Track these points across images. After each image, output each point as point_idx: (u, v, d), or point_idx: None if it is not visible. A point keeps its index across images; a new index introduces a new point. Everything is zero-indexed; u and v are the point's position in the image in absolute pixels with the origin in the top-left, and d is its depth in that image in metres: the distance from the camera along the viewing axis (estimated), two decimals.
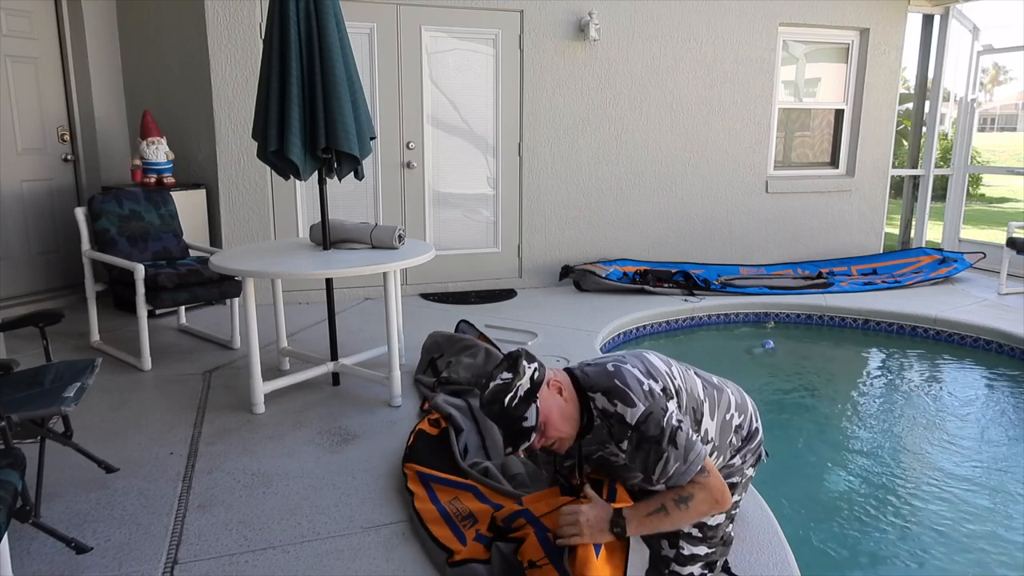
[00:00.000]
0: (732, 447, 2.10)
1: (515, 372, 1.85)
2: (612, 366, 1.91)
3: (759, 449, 2.21)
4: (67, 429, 2.58)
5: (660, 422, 1.81)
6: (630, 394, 1.83)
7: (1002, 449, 3.52)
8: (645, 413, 1.82)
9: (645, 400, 1.83)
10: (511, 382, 1.83)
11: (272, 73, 3.15)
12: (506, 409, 1.81)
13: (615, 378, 1.87)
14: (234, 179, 5.06)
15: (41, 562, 2.16)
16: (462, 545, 2.21)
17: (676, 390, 1.93)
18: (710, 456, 2.01)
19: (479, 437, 2.97)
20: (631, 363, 1.92)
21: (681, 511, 1.84)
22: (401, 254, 3.34)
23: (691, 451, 1.82)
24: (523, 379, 1.84)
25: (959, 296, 5.72)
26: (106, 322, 4.54)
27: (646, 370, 1.91)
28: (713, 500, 1.85)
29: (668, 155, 6.19)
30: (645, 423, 1.81)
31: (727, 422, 2.07)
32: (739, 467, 2.15)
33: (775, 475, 3.07)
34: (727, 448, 2.08)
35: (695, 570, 2.07)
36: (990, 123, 26.20)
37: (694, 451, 1.82)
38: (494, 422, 1.87)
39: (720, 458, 2.07)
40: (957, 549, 2.68)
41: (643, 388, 1.85)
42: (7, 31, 4.78)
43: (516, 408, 1.81)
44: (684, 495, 1.84)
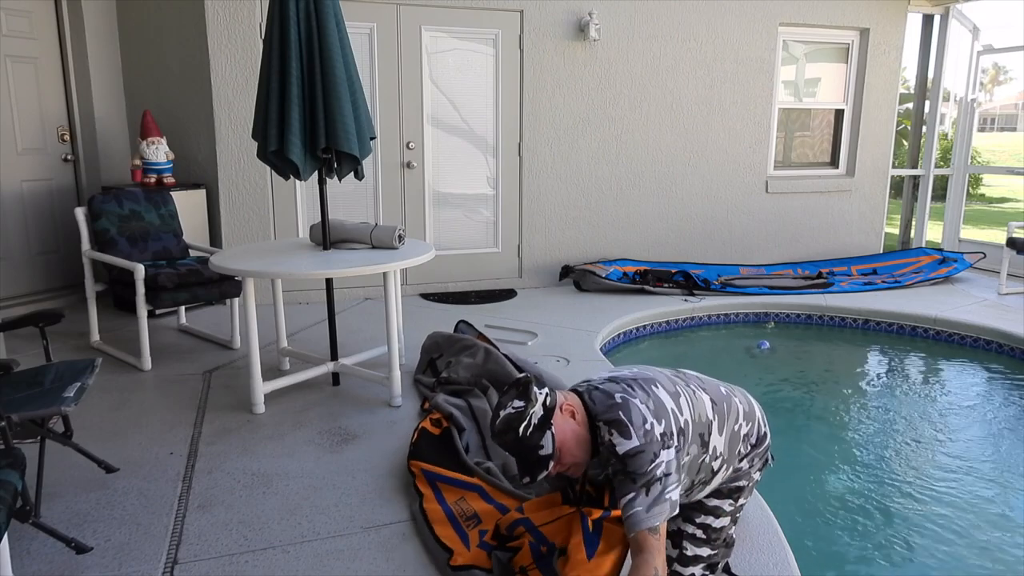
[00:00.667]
0: (740, 456, 2.09)
1: (527, 399, 1.81)
2: (620, 397, 1.88)
3: (766, 453, 2.20)
4: (67, 429, 2.58)
5: (645, 465, 1.79)
6: (630, 428, 1.81)
7: (1002, 449, 3.52)
8: (636, 449, 1.80)
9: (641, 439, 1.81)
10: (524, 410, 1.79)
11: (272, 73, 3.15)
12: (521, 439, 1.79)
13: (620, 410, 1.84)
14: (234, 179, 5.06)
15: (41, 562, 2.16)
16: (464, 547, 2.21)
17: (680, 430, 1.89)
18: (719, 470, 2.01)
19: (479, 437, 2.98)
20: (640, 397, 1.89)
21: None
22: (401, 254, 3.34)
23: (656, 505, 1.78)
24: (536, 406, 1.80)
25: (959, 296, 5.72)
26: (106, 322, 4.54)
27: (654, 408, 1.87)
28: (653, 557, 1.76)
29: (668, 155, 6.19)
30: (632, 458, 1.79)
31: (735, 433, 2.05)
32: (747, 471, 2.13)
33: (775, 475, 3.06)
34: (735, 458, 2.06)
35: (697, 571, 2.07)
36: (990, 123, 26.20)
37: (659, 507, 1.79)
38: (508, 452, 1.83)
39: (728, 468, 2.05)
40: (957, 548, 2.68)
41: (644, 426, 1.83)
42: (7, 31, 4.78)
43: (531, 437, 1.79)
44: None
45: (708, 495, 2.08)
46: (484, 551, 2.15)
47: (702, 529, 2.07)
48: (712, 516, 2.08)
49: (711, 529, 2.07)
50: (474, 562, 2.11)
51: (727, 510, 2.10)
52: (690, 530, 2.05)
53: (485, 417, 3.08)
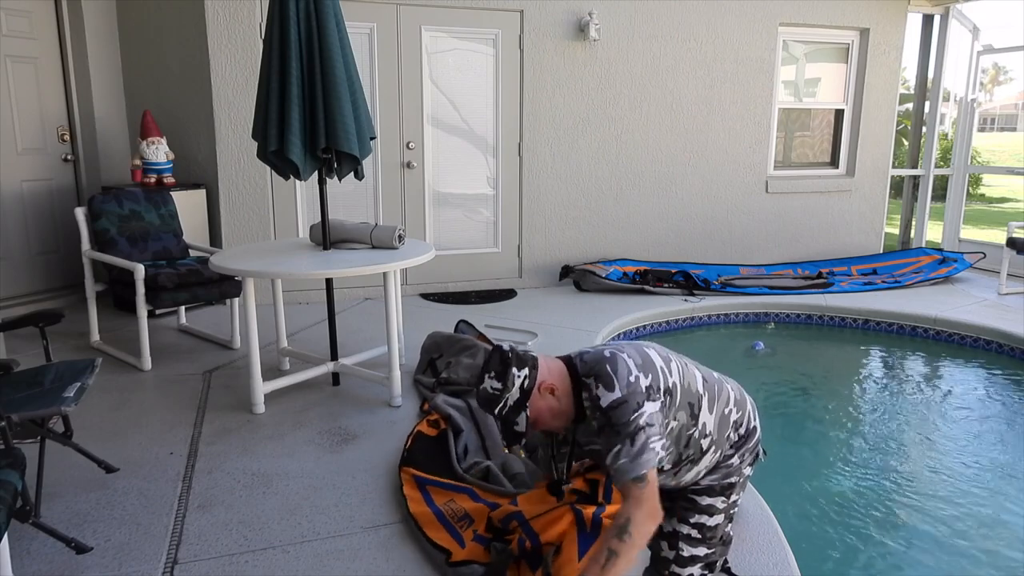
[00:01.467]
0: (729, 441, 2.10)
1: (504, 383, 1.85)
2: (609, 352, 1.93)
3: (756, 448, 2.20)
4: (67, 429, 2.58)
5: (629, 414, 1.81)
6: (614, 380, 1.84)
7: (1002, 448, 3.52)
8: (619, 400, 1.82)
9: (624, 389, 1.83)
10: (500, 394, 1.85)
11: (272, 73, 3.15)
12: (497, 415, 1.89)
13: (607, 363, 1.88)
14: (234, 179, 5.06)
15: (41, 562, 2.16)
16: (460, 547, 2.21)
17: (668, 389, 1.91)
18: (708, 450, 2.01)
19: (479, 437, 2.97)
20: (628, 353, 1.93)
21: (626, 543, 1.76)
22: (401, 254, 3.34)
23: (642, 455, 1.79)
24: (512, 391, 1.86)
25: (959, 296, 5.72)
26: (106, 322, 4.54)
27: (641, 363, 1.91)
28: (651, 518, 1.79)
29: (668, 155, 6.19)
30: (615, 409, 1.82)
31: (725, 416, 2.07)
32: (737, 466, 2.14)
33: (776, 475, 3.07)
34: (724, 442, 2.08)
35: (695, 571, 2.07)
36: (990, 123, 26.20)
37: (644, 456, 1.79)
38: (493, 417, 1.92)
39: (718, 452, 2.06)
40: (957, 548, 2.68)
41: (629, 378, 1.85)
42: (7, 31, 4.78)
43: (507, 416, 1.88)
44: (620, 523, 1.79)
45: (700, 493, 2.09)
46: (481, 545, 2.16)
47: (697, 529, 2.07)
48: (706, 515, 2.08)
49: (706, 528, 2.07)
50: (471, 556, 2.11)
51: (720, 508, 2.10)
52: (685, 530, 2.05)
53: (485, 418, 3.07)
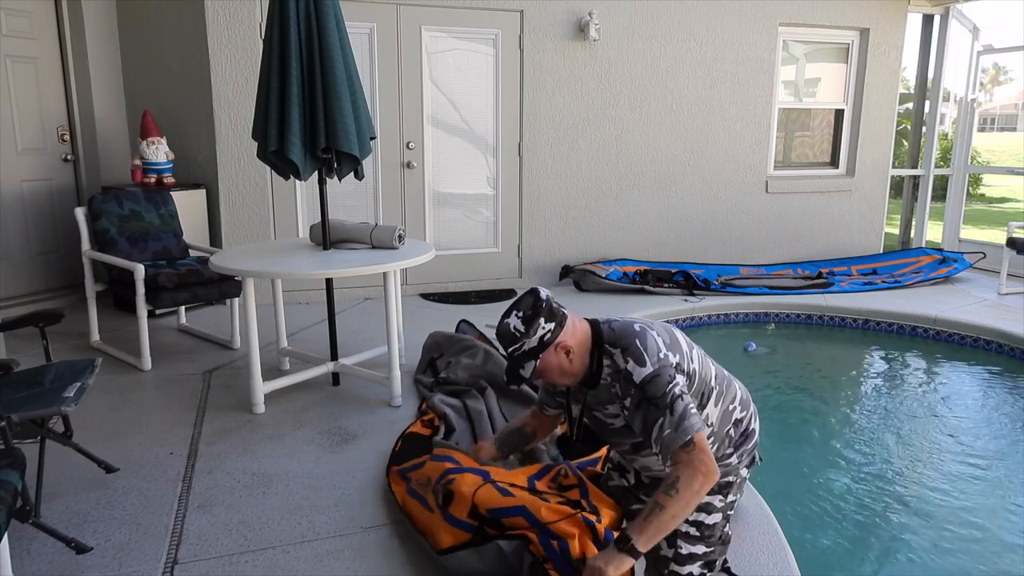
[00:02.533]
0: (729, 439, 2.13)
1: (527, 329, 1.91)
2: (639, 327, 1.98)
3: (754, 451, 2.23)
4: (67, 429, 2.58)
5: (664, 386, 1.86)
6: (644, 355, 1.89)
7: (1002, 449, 3.52)
8: (652, 374, 1.87)
9: (656, 363, 1.88)
10: (519, 338, 1.92)
11: (272, 73, 3.15)
12: (510, 354, 1.95)
13: (636, 337, 1.94)
14: (234, 179, 5.06)
15: (41, 562, 2.16)
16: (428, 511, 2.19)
17: (690, 373, 1.97)
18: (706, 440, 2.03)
19: (472, 438, 2.96)
20: (657, 330, 1.99)
21: (673, 497, 1.77)
22: (401, 254, 3.34)
23: (684, 420, 1.82)
24: (531, 339, 1.92)
25: (959, 296, 5.72)
26: (106, 322, 4.54)
27: (669, 341, 1.97)
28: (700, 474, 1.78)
29: (668, 155, 6.19)
30: (650, 383, 1.86)
31: (728, 412, 2.12)
32: (735, 466, 2.17)
33: (776, 475, 3.07)
34: (724, 438, 2.12)
35: (694, 569, 2.08)
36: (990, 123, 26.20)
37: (687, 421, 1.82)
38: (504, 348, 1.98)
39: (716, 446, 2.10)
40: (957, 548, 2.68)
41: (659, 353, 1.91)
42: (7, 31, 4.78)
43: (517, 359, 1.94)
44: (670, 481, 1.79)
45: None
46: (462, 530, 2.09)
47: (695, 527, 2.08)
48: (704, 513, 2.09)
49: (704, 526, 2.09)
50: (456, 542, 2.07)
51: (718, 506, 2.12)
52: (683, 528, 2.06)
53: (480, 418, 3.07)
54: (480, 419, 3.06)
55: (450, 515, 2.14)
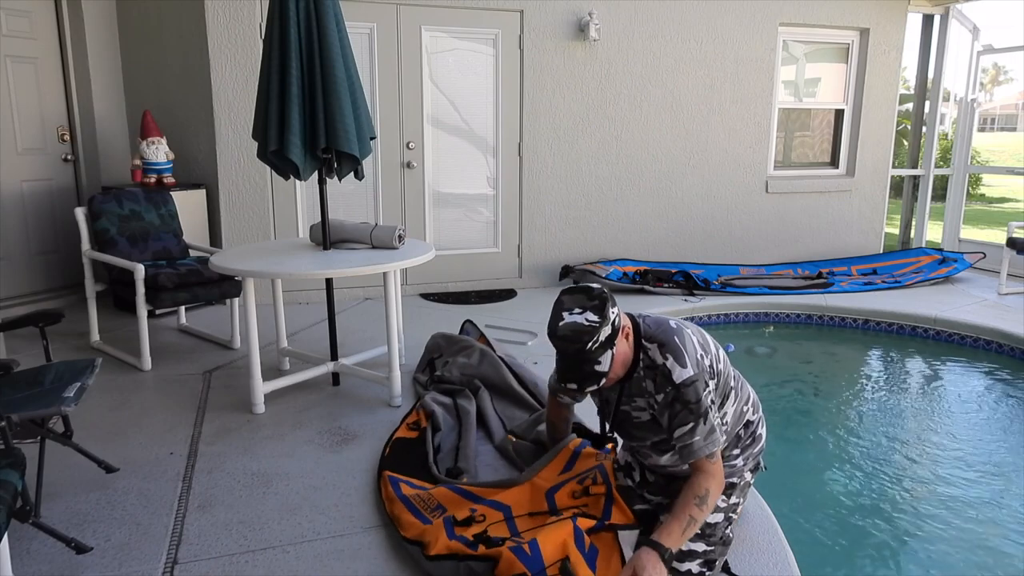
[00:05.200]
0: (738, 438, 2.16)
1: (602, 317, 1.85)
2: (675, 324, 1.99)
3: (759, 456, 2.24)
4: (67, 429, 2.58)
5: (699, 394, 1.88)
6: (684, 355, 1.90)
7: (1002, 449, 3.52)
8: (691, 378, 1.88)
9: (695, 367, 1.90)
10: (597, 327, 1.84)
11: (272, 73, 3.15)
12: (584, 351, 1.84)
13: (675, 335, 1.94)
14: (234, 179, 5.06)
15: (41, 562, 2.16)
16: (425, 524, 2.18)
17: (718, 372, 2.00)
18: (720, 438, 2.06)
19: (456, 437, 2.96)
20: (692, 330, 2.01)
21: (703, 510, 1.91)
22: (401, 254, 3.34)
23: (712, 432, 1.90)
24: (607, 325, 1.86)
25: (959, 296, 5.72)
26: (106, 322, 4.54)
27: (702, 341, 1.99)
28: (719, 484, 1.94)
29: (668, 155, 6.19)
30: (689, 387, 1.88)
31: (742, 413, 2.15)
32: (740, 468, 2.17)
33: (776, 475, 3.06)
34: (733, 438, 2.15)
35: (693, 567, 2.08)
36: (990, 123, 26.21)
37: (715, 434, 1.90)
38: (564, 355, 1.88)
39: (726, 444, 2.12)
40: (957, 549, 2.68)
41: (697, 355, 1.93)
42: (7, 31, 4.78)
43: (595, 352, 1.84)
44: (700, 494, 1.91)
45: None
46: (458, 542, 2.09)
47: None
48: None
49: (706, 524, 2.09)
50: (447, 551, 2.06)
51: (720, 506, 2.13)
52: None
53: (468, 417, 3.06)
54: (467, 418, 3.06)
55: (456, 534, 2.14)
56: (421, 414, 3.14)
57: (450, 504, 2.33)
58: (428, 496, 2.39)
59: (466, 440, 2.89)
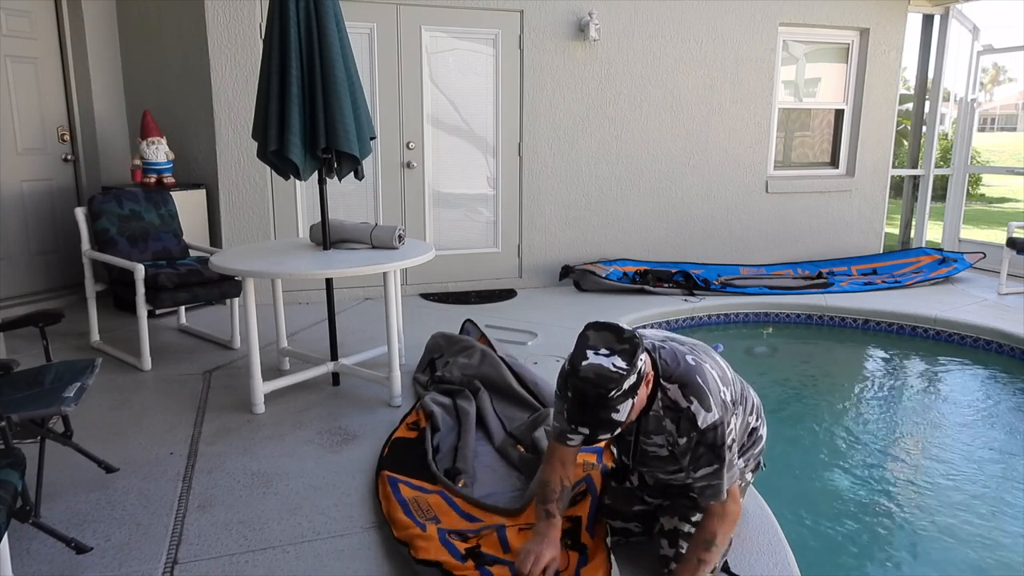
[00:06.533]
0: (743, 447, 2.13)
1: (631, 364, 1.70)
2: (693, 360, 1.87)
3: (760, 456, 2.23)
4: (67, 429, 2.58)
5: (723, 437, 1.82)
6: (709, 397, 1.80)
7: (1002, 448, 3.52)
8: (716, 422, 1.81)
9: (720, 409, 1.82)
10: (624, 376, 1.68)
11: (272, 73, 3.15)
12: (607, 398, 1.68)
13: (696, 374, 1.83)
14: (234, 179, 5.06)
15: (41, 562, 2.16)
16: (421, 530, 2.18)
17: (735, 400, 1.95)
18: None
19: (455, 438, 2.96)
20: (710, 363, 1.91)
21: (712, 552, 1.90)
22: (401, 254, 3.34)
23: (729, 474, 1.86)
24: (634, 375, 1.70)
25: (959, 296, 5.72)
26: (106, 322, 4.54)
27: (722, 375, 1.91)
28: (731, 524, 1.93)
29: (668, 155, 6.19)
30: (713, 431, 1.81)
31: (748, 424, 2.11)
32: (741, 470, 2.16)
33: (776, 475, 3.07)
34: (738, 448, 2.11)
35: None
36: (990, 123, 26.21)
37: (730, 474, 1.87)
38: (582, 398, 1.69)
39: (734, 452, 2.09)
40: (957, 548, 2.68)
41: (721, 395, 1.84)
42: (7, 31, 4.78)
43: (615, 400, 1.69)
44: (707, 538, 1.90)
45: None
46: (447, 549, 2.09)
47: (695, 526, 2.08)
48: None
49: None
50: (436, 558, 2.05)
51: None
52: (686, 528, 2.06)
53: (467, 418, 3.06)
54: (467, 419, 3.05)
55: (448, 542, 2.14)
56: (420, 414, 3.15)
57: (445, 517, 2.34)
58: (426, 504, 2.40)
59: (465, 441, 2.89)
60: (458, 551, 2.09)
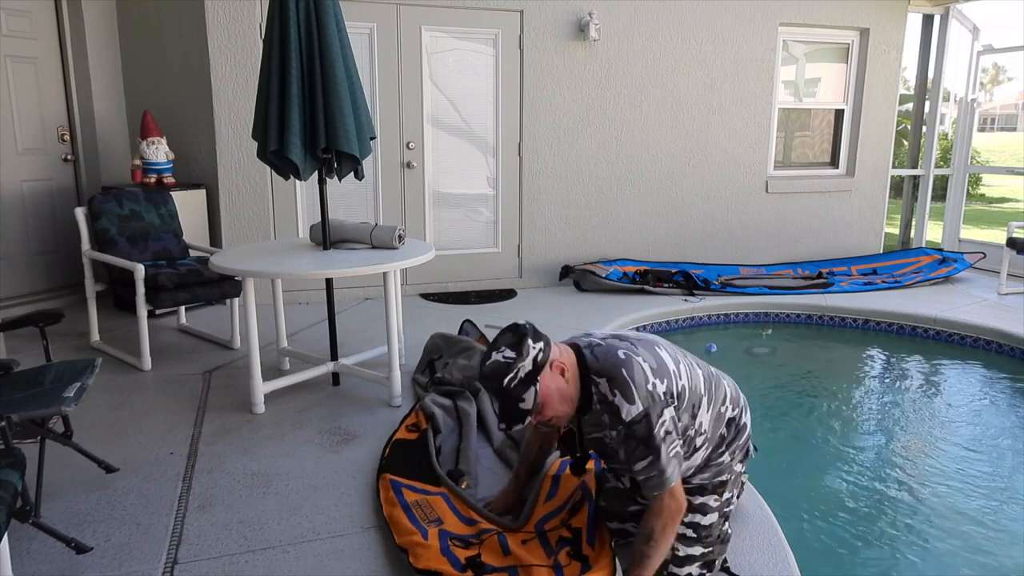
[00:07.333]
0: (722, 438, 2.10)
1: (518, 353, 1.81)
2: (624, 354, 1.89)
3: (747, 445, 2.20)
4: (67, 429, 2.58)
5: (651, 429, 1.82)
6: (633, 390, 1.83)
7: (1001, 449, 3.52)
8: (641, 414, 1.82)
9: (645, 401, 1.83)
10: (513, 363, 1.80)
11: (272, 73, 3.15)
12: (504, 388, 1.80)
13: (623, 368, 1.85)
14: (234, 179, 5.06)
15: (41, 562, 2.16)
16: (422, 538, 2.17)
17: (679, 393, 1.92)
18: (700, 447, 2.03)
19: (457, 439, 2.96)
20: (643, 355, 1.91)
21: (653, 547, 1.90)
22: (401, 254, 3.34)
23: (667, 468, 1.85)
24: (525, 360, 1.80)
25: (959, 296, 5.72)
26: (106, 322, 4.54)
27: (656, 367, 1.90)
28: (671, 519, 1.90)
29: (668, 155, 6.19)
30: (638, 423, 1.82)
31: (721, 414, 2.09)
32: (728, 464, 2.14)
33: (776, 475, 3.07)
34: (716, 439, 2.09)
35: (693, 570, 2.07)
36: (990, 123, 26.22)
37: (669, 469, 1.85)
38: (491, 395, 1.85)
39: (708, 448, 2.07)
40: (957, 548, 2.68)
41: (647, 387, 1.84)
42: (7, 31, 4.78)
43: (515, 389, 1.80)
44: (647, 533, 1.90)
45: (692, 493, 2.09)
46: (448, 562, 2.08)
47: (692, 528, 2.07)
48: (700, 514, 2.09)
49: (700, 527, 2.08)
50: (439, 568, 2.04)
51: (714, 506, 2.11)
52: (680, 530, 2.05)
53: (468, 419, 3.06)
54: (468, 420, 3.05)
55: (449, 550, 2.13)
56: (420, 416, 3.14)
57: (447, 518, 2.34)
58: (428, 506, 2.39)
59: (467, 442, 2.89)
60: (458, 560, 2.08)
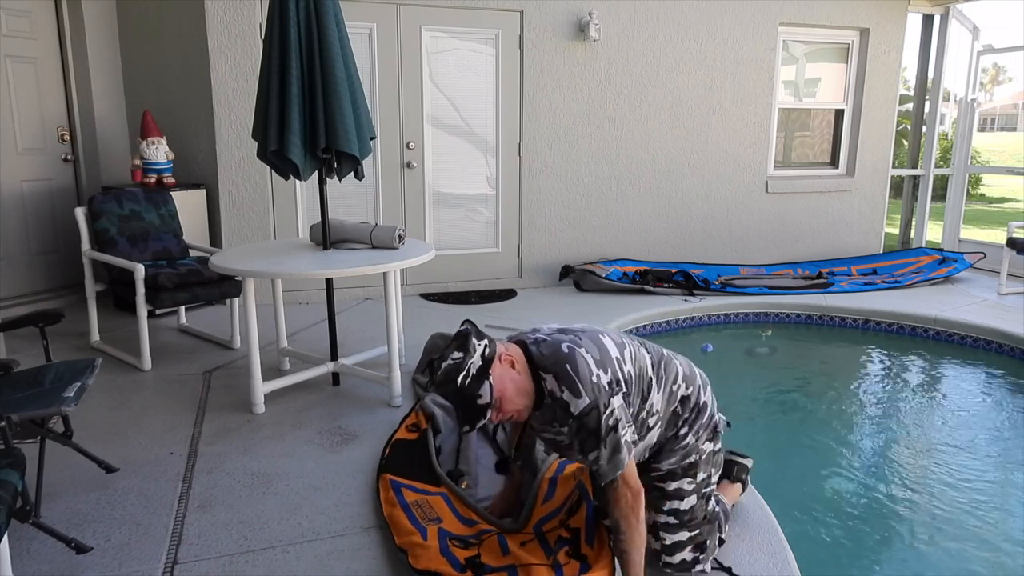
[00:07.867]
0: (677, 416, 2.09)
1: (465, 351, 1.85)
2: (567, 347, 1.91)
3: (711, 422, 2.17)
4: (67, 429, 2.58)
5: (600, 419, 1.84)
6: (578, 384, 1.85)
7: (1001, 449, 3.52)
8: (589, 407, 1.84)
9: (592, 393, 1.85)
10: (462, 361, 1.84)
11: (272, 73, 3.15)
12: (459, 389, 1.83)
13: (567, 363, 1.88)
14: (234, 179, 5.06)
15: (41, 562, 2.16)
16: (422, 538, 2.17)
17: (625, 379, 1.94)
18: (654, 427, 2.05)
19: (457, 439, 2.96)
20: (586, 346, 1.92)
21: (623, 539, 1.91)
22: (401, 254, 3.34)
23: (617, 455, 1.86)
24: (474, 357, 1.84)
25: (959, 296, 5.72)
26: (106, 322, 4.54)
27: (599, 358, 1.91)
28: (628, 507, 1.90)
29: (668, 155, 6.19)
30: (587, 416, 1.84)
31: (673, 393, 2.08)
32: (694, 445, 2.11)
33: (776, 474, 3.07)
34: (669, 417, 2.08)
35: (686, 555, 2.09)
36: (990, 123, 26.22)
37: (618, 456, 1.86)
38: (449, 402, 1.87)
39: (662, 426, 2.07)
40: (957, 548, 2.68)
41: (592, 379, 1.86)
42: (7, 31, 4.78)
43: (470, 386, 1.83)
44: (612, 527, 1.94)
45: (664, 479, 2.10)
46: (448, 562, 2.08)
47: (672, 515, 2.09)
48: (677, 499, 2.09)
49: (681, 512, 2.09)
50: (437, 568, 2.04)
51: (689, 489, 2.10)
52: (662, 519, 2.07)
53: None
54: None
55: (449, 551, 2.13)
56: (420, 416, 3.14)
57: (447, 518, 2.34)
58: (427, 506, 2.39)
59: (467, 442, 2.89)
60: (458, 561, 2.08)
